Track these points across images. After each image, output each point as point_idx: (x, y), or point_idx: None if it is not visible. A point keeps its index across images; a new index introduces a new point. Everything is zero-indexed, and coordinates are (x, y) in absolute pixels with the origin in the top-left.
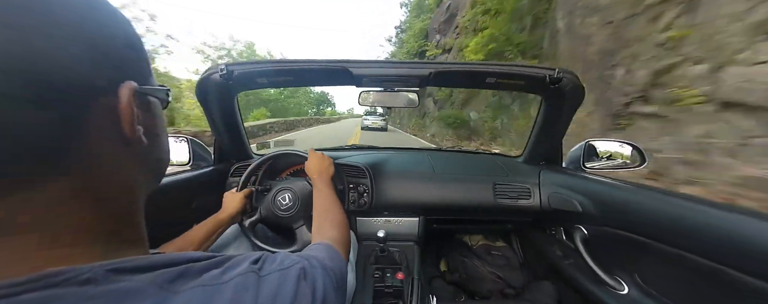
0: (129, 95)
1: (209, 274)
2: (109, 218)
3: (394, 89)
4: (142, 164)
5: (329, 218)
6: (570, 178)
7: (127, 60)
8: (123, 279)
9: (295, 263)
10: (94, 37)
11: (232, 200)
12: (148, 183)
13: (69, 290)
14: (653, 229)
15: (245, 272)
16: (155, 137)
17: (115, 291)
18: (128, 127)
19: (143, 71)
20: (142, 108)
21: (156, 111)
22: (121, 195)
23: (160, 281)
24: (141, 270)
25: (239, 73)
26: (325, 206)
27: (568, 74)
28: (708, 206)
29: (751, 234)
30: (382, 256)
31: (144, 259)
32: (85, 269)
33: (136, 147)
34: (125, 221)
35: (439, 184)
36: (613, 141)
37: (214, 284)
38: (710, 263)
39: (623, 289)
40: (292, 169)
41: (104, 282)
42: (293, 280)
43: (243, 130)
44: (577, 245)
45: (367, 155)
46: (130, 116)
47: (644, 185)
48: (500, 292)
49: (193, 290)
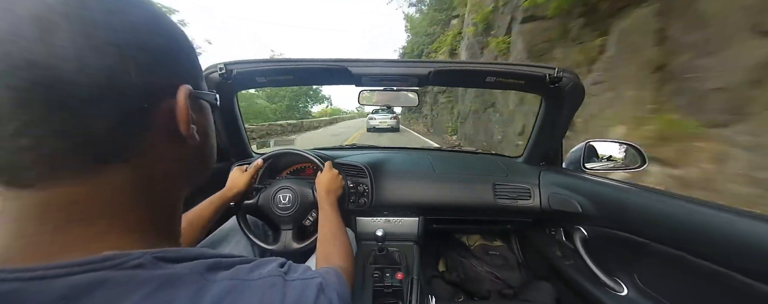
0: (185, 97)
1: (239, 268)
2: (158, 209)
3: (393, 88)
4: (192, 160)
5: (337, 246)
6: (570, 178)
7: (184, 66)
8: (168, 266)
9: (315, 277)
10: (158, 47)
11: (240, 178)
12: (193, 180)
13: (123, 273)
14: (653, 230)
15: (273, 274)
16: (206, 137)
17: (163, 276)
18: (184, 126)
19: (197, 77)
20: (195, 109)
21: (207, 113)
22: (170, 189)
23: (199, 269)
24: (182, 260)
25: (238, 72)
26: (333, 231)
27: (568, 74)
28: (708, 208)
29: (751, 236)
30: (381, 256)
31: (183, 250)
32: (136, 255)
33: (189, 144)
34: (169, 213)
35: (439, 184)
36: (613, 142)
37: (245, 279)
38: (710, 265)
39: (622, 290)
40: (292, 168)
41: (152, 268)
42: (314, 291)
43: (243, 130)
44: (577, 245)
45: (367, 154)
46: (186, 116)
47: (644, 186)
48: (499, 292)
49: (227, 282)
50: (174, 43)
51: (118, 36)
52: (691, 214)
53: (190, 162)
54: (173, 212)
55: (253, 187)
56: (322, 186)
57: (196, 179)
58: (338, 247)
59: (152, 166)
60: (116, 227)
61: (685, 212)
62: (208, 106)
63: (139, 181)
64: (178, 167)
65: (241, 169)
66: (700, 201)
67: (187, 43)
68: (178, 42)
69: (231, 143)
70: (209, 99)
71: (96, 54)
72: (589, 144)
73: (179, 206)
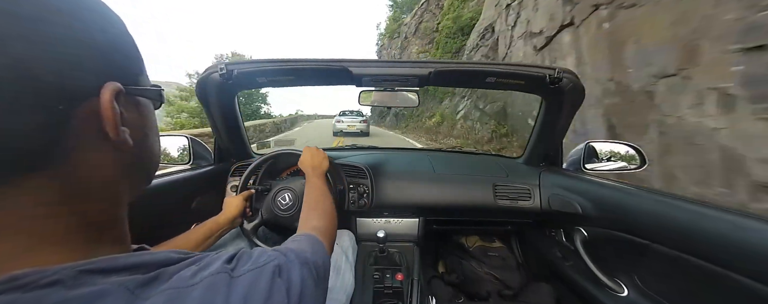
0: (110, 96)
1: (180, 275)
2: (93, 219)
3: (393, 89)
4: (129, 165)
5: (318, 209)
6: (570, 179)
7: (114, 60)
8: (93, 281)
9: (271, 260)
10: (78, 40)
11: (232, 203)
12: (136, 184)
13: (31, 295)
14: (653, 231)
15: (217, 272)
16: (143, 138)
17: (81, 297)
18: (111, 129)
19: (130, 71)
20: (128, 109)
21: (144, 111)
22: (106, 196)
23: (130, 284)
24: (114, 271)
25: (239, 72)
26: (315, 196)
27: (568, 74)
28: (708, 209)
29: (751, 236)
30: (381, 256)
31: (117, 259)
32: (51, 271)
33: (122, 148)
34: (109, 222)
35: (439, 184)
36: (613, 142)
37: (183, 286)
38: (710, 266)
39: (623, 291)
40: (292, 169)
41: (72, 285)
42: (267, 278)
43: (243, 130)
44: (577, 246)
45: (367, 155)
46: (113, 118)
47: (644, 187)
48: (498, 293)
49: (162, 295)
50: (100, 34)
51: (23, 26)
52: (691, 214)
53: (127, 167)
54: (115, 218)
55: (251, 208)
56: (307, 165)
57: (138, 184)
58: (318, 210)
59: (81, 174)
60: (39, 242)
61: (686, 212)
62: (148, 103)
63: (65, 190)
64: (114, 173)
65: (232, 195)
66: (700, 202)
67: (118, 32)
68: (104, 32)
69: (231, 143)
70: (150, 95)
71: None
72: (589, 145)
73: (122, 211)
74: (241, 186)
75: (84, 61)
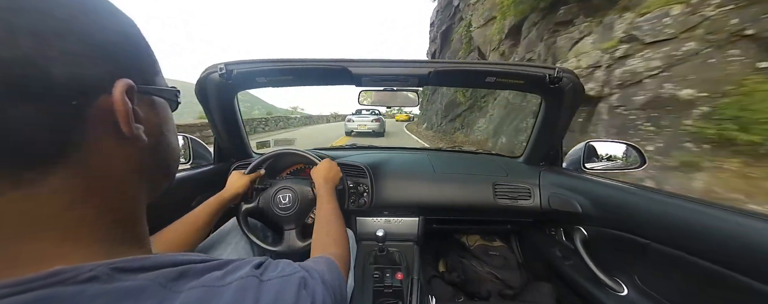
0: (121, 92)
1: (210, 275)
2: (112, 217)
3: (393, 88)
4: (145, 163)
5: (332, 233)
6: (570, 179)
7: (127, 58)
8: (127, 278)
9: (297, 272)
10: (88, 36)
11: (238, 179)
12: (154, 184)
13: (71, 289)
14: (653, 230)
15: (247, 275)
16: (160, 137)
17: (119, 289)
18: (124, 125)
19: (145, 70)
20: (143, 107)
21: (160, 111)
22: (124, 194)
23: (162, 280)
24: (144, 269)
25: (238, 72)
26: (328, 217)
27: (567, 74)
28: (708, 208)
29: (752, 236)
30: (381, 256)
31: (147, 258)
32: (88, 268)
33: (137, 145)
34: (128, 220)
35: (438, 184)
36: (613, 142)
37: (215, 285)
38: (710, 265)
39: (623, 290)
40: (292, 168)
41: (108, 280)
42: (294, 287)
43: (243, 130)
44: (577, 246)
45: (367, 154)
46: (124, 113)
47: (644, 186)
48: (499, 293)
49: (194, 291)
50: (112, 32)
51: (35, 20)
52: (691, 214)
53: (145, 164)
54: (134, 217)
55: (252, 190)
56: (320, 174)
57: (156, 183)
58: (333, 234)
59: (99, 168)
60: (70, 239)
61: (686, 211)
62: (163, 103)
63: (87, 184)
64: (131, 169)
65: (241, 172)
66: (700, 201)
67: (132, 31)
68: (116, 31)
69: (231, 143)
70: (166, 95)
71: (7, 42)
72: (589, 144)
73: (141, 210)
74: (252, 167)
75: (95, 58)
